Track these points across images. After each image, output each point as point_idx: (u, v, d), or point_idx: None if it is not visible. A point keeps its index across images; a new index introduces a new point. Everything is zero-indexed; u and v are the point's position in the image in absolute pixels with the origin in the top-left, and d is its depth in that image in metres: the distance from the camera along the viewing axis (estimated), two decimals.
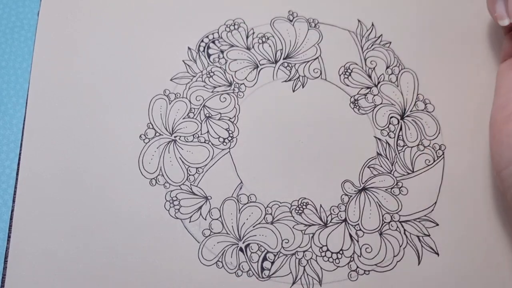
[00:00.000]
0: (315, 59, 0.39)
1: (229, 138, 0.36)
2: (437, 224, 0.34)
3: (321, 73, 0.38)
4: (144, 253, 0.33)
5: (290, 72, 0.38)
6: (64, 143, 0.35)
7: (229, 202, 0.35)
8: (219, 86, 0.38)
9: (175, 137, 0.36)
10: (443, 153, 0.36)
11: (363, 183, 0.35)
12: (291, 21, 0.40)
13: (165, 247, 0.33)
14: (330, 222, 0.34)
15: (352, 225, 0.34)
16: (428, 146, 0.36)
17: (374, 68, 0.38)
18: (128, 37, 0.38)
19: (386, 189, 0.35)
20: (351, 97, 0.38)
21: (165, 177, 0.35)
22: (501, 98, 0.32)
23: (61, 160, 0.35)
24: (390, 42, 0.39)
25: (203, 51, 0.38)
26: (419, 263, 0.34)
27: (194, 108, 0.37)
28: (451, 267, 0.33)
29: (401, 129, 0.37)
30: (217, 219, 0.34)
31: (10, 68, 0.36)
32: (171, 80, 0.38)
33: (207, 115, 0.37)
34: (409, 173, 0.36)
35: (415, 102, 0.38)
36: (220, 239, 0.34)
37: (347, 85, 0.38)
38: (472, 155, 0.36)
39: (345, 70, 0.38)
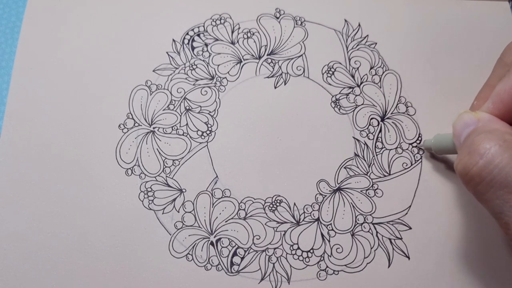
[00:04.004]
0: (299, 56, 0.38)
1: (208, 132, 0.36)
2: (410, 228, 0.34)
3: (304, 71, 0.38)
4: (115, 242, 0.33)
5: (273, 68, 0.38)
6: (43, 128, 0.35)
7: (203, 196, 0.35)
8: (201, 79, 0.38)
9: (153, 128, 0.36)
10: (421, 158, 0.36)
11: (338, 183, 0.35)
12: (277, 18, 0.39)
13: (137, 237, 0.33)
14: (303, 220, 0.34)
15: (324, 225, 0.34)
16: (407, 149, 0.36)
17: (358, 68, 0.38)
18: (113, 26, 0.38)
19: (361, 191, 0.35)
20: (333, 96, 0.37)
21: (141, 167, 0.35)
22: None
23: (38, 145, 0.35)
24: (376, 43, 0.39)
25: (188, 43, 0.38)
26: (389, 266, 0.33)
27: (174, 100, 0.37)
28: (421, 271, 0.33)
29: (380, 131, 0.37)
30: (190, 212, 0.34)
31: (11, 68, 0.37)
32: (153, 71, 0.38)
33: (187, 107, 0.37)
34: (385, 176, 0.36)
35: (397, 104, 0.37)
36: (191, 232, 0.34)
37: (330, 84, 0.38)
38: (450, 161, 0.36)
39: (329, 69, 0.38)
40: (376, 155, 0.36)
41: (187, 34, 0.39)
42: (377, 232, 0.34)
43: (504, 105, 0.29)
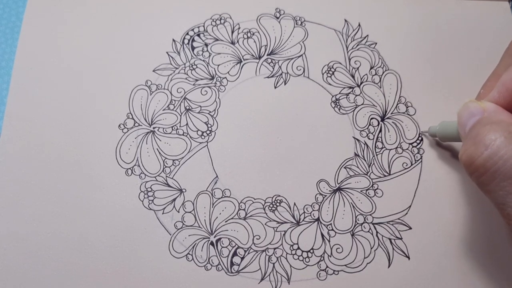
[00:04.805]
0: (299, 56, 0.38)
1: (208, 132, 0.36)
2: (410, 228, 0.34)
3: (304, 71, 0.38)
4: (115, 242, 0.33)
5: (273, 68, 0.38)
6: (43, 128, 0.35)
7: (203, 196, 0.35)
8: (201, 79, 0.38)
9: (153, 128, 0.36)
10: (421, 157, 0.36)
11: (338, 183, 0.35)
12: (277, 18, 0.39)
13: (137, 237, 0.33)
14: (303, 220, 0.34)
15: (324, 225, 0.34)
16: (407, 149, 0.36)
17: (358, 68, 0.38)
18: (113, 25, 0.38)
19: (361, 191, 0.35)
20: (333, 96, 0.37)
21: (141, 167, 0.35)
22: None
23: (38, 145, 0.35)
24: (376, 43, 0.39)
25: (188, 43, 0.38)
26: (389, 266, 0.33)
27: (174, 100, 0.37)
28: (421, 271, 0.33)
29: (380, 130, 0.37)
30: (190, 212, 0.34)
31: (11, 69, 0.37)
32: (153, 71, 0.38)
33: (187, 107, 0.37)
34: (385, 176, 0.36)
35: (397, 104, 0.37)
36: (191, 232, 0.34)
37: (330, 84, 0.38)
38: (450, 161, 0.36)
39: (329, 69, 0.38)
40: (376, 155, 0.36)
41: (187, 34, 0.39)
42: (377, 232, 0.34)
43: (510, 95, 0.29)
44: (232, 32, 0.39)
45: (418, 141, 0.36)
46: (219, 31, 0.39)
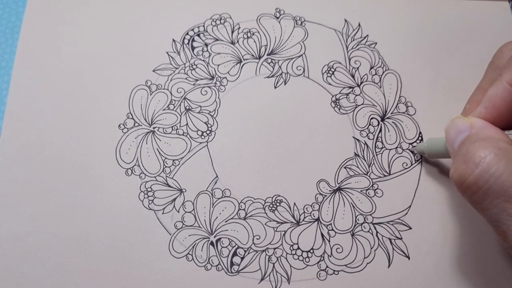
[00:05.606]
0: (299, 56, 0.38)
1: (208, 132, 0.36)
2: (410, 228, 0.34)
3: (304, 71, 0.38)
4: (115, 242, 0.33)
5: (273, 68, 0.38)
6: (43, 128, 0.35)
7: (203, 196, 0.35)
8: (201, 79, 0.38)
9: (153, 128, 0.36)
10: (421, 157, 0.36)
11: (338, 183, 0.35)
12: (277, 18, 0.39)
13: (137, 237, 0.33)
14: (303, 220, 0.34)
15: (324, 225, 0.34)
16: (407, 149, 0.36)
17: (358, 68, 0.38)
18: (114, 25, 0.38)
19: (361, 190, 0.35)
20: (333, 96, 0.37)
21: (141, 167, 0.35)
22: None
23: (38, 145, 0.35)
24: (376, 43, 0.39)
25: (188, 43, 0.38)
26: (389, 266, 0.33)
27: (174, 100, 0.37)
28: (421, 271, 0.33)
29: (380, 130, 0.37)
30: (190, 212, 0.34)
31: (11, 69, 0.37)
32: (153, 71, 0.38)
33: (187, 107, 0.37)
34: (385, 176, 0.36)
35: (397, 104, 0.37)
36: (191, 232, 0.34)
37: (330, 84, 0.38)
38: (450, 161, 0.35)
39: (329, 69, 0.38)
40: (376, 155, 0.36)
41: (187, 34, 0.39)
42: (377, 232, 0.34)
43: (496, 110, 0.28)
44: (232, 32, 0.39)
45: (418, 141, 0.36)
46: (219, 31, 0.39)
